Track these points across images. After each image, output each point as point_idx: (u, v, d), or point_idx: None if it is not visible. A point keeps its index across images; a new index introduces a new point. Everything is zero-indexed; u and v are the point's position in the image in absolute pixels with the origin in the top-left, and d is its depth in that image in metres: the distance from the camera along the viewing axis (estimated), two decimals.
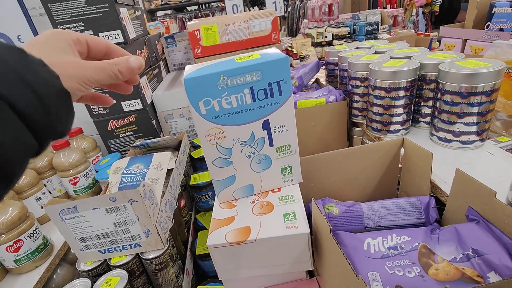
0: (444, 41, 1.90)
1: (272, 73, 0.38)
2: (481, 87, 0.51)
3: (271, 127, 0.42)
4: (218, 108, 0.39)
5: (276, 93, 0.40)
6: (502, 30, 1.52)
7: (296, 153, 0.46)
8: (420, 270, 0.34)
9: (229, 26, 0.89)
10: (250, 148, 0.43)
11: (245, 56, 0.40)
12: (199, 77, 0.37)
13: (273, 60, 0.38)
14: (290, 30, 4.64)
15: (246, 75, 0.38)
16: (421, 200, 0.47)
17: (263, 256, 0.41)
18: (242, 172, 0.45)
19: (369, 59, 0.70)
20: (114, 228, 0.49)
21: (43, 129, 0.20)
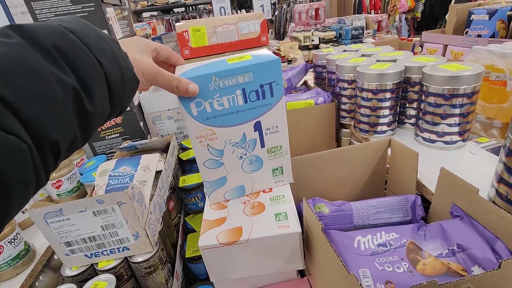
0: (426, 46, 1.97)
1: (264, 75, 0.38)
2: (462, 89, 0.53)
3: (263, 128, 0.42)
4: (210, 109, 0.39)
5: (267, 94, 0.40)
6: (480, 36, 1.60)
7: (287, 153, 0.46)
8: (409, 265, 0.35)
9: (218, 28, 0.89)
10: (241, 149, 0.43)
11: (236, 57, 0.40)
12: (191, 78, 0.36)
13: (265, 61, 0.38)
14: (277, 34, 4.69)
15: (238, 77, 0.38)
16: (408, 198, 0.48)
17: (255, 256, 0.40)
18: (233, 173, 0.45)
19: (356, 62, 0.72)
20: (101, 232, 0.48)
21: (117, 100, 0.27)
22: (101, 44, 0.25)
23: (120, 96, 0.27)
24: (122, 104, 0.28)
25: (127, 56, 0.28)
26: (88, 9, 0.75)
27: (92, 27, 0.26)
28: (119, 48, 0.28)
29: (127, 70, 0.28)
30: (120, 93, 0.27)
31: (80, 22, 0.26)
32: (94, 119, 0.25)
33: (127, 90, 0.28)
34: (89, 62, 0.23)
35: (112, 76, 0.25)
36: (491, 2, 1.71)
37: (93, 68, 0.24)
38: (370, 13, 4.32)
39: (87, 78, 0.23)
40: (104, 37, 0.26)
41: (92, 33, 0.25)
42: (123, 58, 0.27)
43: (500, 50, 1.01)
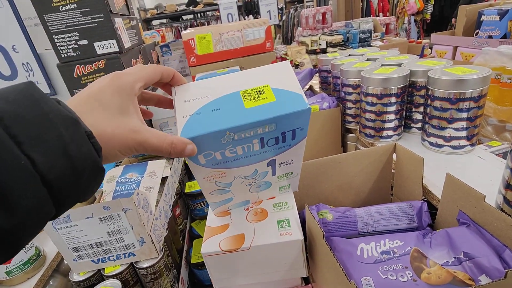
0: (436, 48, 1.94)
1: (288, 124, 0.31)
2: (469, 93, 0.52)
3: (277, 163, 0.38)
4: (221, 157, 0.33)
5: (289, 139, 0.34)
6: (491, 37, 1.56)
7: (298, 175, 0.44)
8: (413, 274, 0.34)
9: (223, 35, 0.90)
10: (251, 179, 0.40)
11: (255, 92, 0.31)
12: (199, 136, 0.29)
13: (293, 112, 0.29)
14: (284, 38, 4.71)
15: (257, 129, 0.30)
16: (414, 204, 0.47)
17: (258, 264, 0.41)
18: (239, 195, 0.43)
19: (361, 66, 0.71)
20: (107, 237, 0.49)
21: (66, 198, 0.20)
22: (42, 132, 0.18)
23: (70, 195, 0.20)
24: (77, 200, 0.21)
25: (91, 137, 0.21)
26: (98, 20, 0.77)
27: (40, 103, 0.19)
28: (77, 128, 0.20)
29: (84, 161, 0.20)
30: (70, 191, 0.20)
31: (23, 96, 0.19)
32: (17, 232, 0.18)
33: (82, 185, 0.21)
34: (14, 165, 0.17)
35: (55, 175, 0.18)
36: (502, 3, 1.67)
37: (20, 172, 0.17)
38: (378, 16, 4.29)
39: (5, 188, 0.16)
40: (53, 118, 0.19)
41: (33, 114, 0.19)
42: (80, 144, 0.20)
43: (510, 51, 0.99)
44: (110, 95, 0.25)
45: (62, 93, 0.99)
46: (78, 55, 0.80)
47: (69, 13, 0.75)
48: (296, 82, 0.31)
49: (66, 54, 0.79)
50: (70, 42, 0.78)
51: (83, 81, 0.83)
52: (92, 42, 0.79)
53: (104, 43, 0.80)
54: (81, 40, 0.78)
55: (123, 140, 0.24)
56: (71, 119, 0.20)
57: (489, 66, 1.04)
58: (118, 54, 0.82)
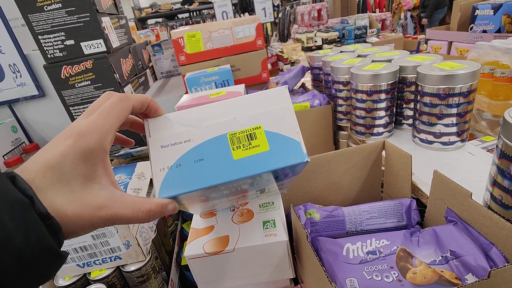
0: (431, 43, 1.93)
1: (282, 173, 0.29)
2: (458, 88, 0.51)
3: (266, 190, 0.38)
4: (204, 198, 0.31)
5: (281, 178, 0.32)
6: (486, 31, 1.55)
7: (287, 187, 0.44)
8: (398, 274, 0.34)
9: (213, 33, 0.89)
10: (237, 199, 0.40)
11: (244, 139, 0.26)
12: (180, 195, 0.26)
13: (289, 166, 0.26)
14: (281, 36, 4.69)
15: (247, 180, 0.27)
16: (403, 202, 0.47)
17: (243, 265, 0.40)
18: (225, 205, 0.43)
19: (351, 63, 0.71)
20: (92, 241, 0.48)
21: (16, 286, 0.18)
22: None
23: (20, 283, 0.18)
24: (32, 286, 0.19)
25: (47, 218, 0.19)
26: (84, 20, 0.76)
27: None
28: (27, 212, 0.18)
29: (35, 247, 0.18)
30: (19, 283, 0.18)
31: None
32: None
33: (35, 273, 0.19)
34: None
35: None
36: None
37: None
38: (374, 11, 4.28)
39: None
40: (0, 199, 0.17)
41: None
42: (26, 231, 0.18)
43: (504, 45, 0.98)
44: (74, 163, 0.21)
45: (51, 94, 0.98)
46: (65, 56, 0.79)
47: (54, 12, 0.73)
48: (295, 122, 0.27)
49: (52, 54, 0.78)
50: (56, 43, 0.77)
51: (71, 81, 0.81)
52: (78, 42, 0.78)
53: (91, 43, 0.79)
54: (67, 40, 0.77)
55: (87, 220, 0.21)
56: (21, 202, 0.18)
57: (482, 60, 1.03)
58: (106, 54, 0.81)
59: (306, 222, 0.45)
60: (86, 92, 0.83)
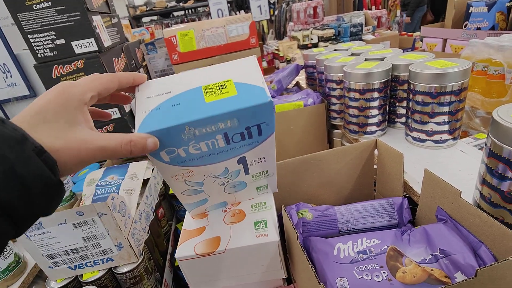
0: (426, 41, 1.93)
1: (251, 119, 0.31)
2: (449, 86, 0.51)
3: (248, 161, 0.37)
4: (185, 154, 0.32)
5: (255, 134, 0.33)
6: (480, 29, 1.56)
7: (274, 174, 0.43)
8: (388, 273, 0.34)
9: (206, 32, 0.88)
10: (223, 179, 0.39)
11: (216, 87, 0.31)
12: (159, 130, 0.28)
13: (254, 105, 0.29)
14: (277, 33, 4.68)
15: (218, 124, 0.30)
16: (394, 201, 0.47)
17: (235, 266, 0.40)
18: (214, 196, 0.42)
19: (345, 61, 0.70)
20: (83, 243, 0.47)
21: (23, 217, 0.20)
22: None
23: (27, 213, 0.20)
24: (36, 217, 0.22)
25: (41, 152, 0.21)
26: (74, 19, 0.75)
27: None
28: (24, 146, 0.20)
29: (36, 178, 0.20)
30: (25, 210, 0.20)
31: None
32: None
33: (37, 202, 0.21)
34: None
35: (4, 196, 0.19)
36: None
37: None
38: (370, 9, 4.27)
39: None
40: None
41: None
42: (28, 163, 0.20)
43: (497, 43, 0.99)
44: (56, 108, 0.24)
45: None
46: (56, 55, 0.78)
47: (44, 11, 0.72)
48: (260, 76, 0.31)
49: (42, 54, 0.77)
50: (47, 42, 0.76)
51: (62, 81, 0.80)
52: (69, 41, 0.77)
53: (82, 42, 0.78)
54: (58, 39, 0.76)
55: (75, 153, 0.23)
56: (15, 138, 0.20)
57: (476, 58, 1.03)
58: (97, 53, 0.80)
59: (298, 222, 0.45)
60: None
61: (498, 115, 0.33)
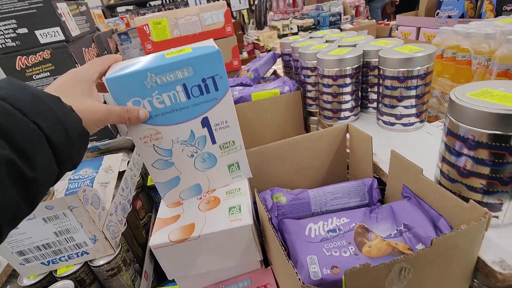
0: (401, 30, 1.98)
1: (204, 68, 0.37)
2: (416, 70, 0.53)
3: (211, 124, 0.41)
4: (150, 108, 0.37)
5: (212, 89, 0.38)
6: (450, 17, 1.61)
7: (242, 148, 0.45)
8: (355, 249, 0.35)
9: (179, 20, 0.86)
10: (191, 147, 0.42)
11: (176, 51, 0.38)
12: (123, 76, 0.34)
13: (204, 54, 0.36)
14: (258, 23, 4.62)
15: (176, 72, 0.36)
16: (365, 182, 0.49)
17: (210, 252, 0.40)
18: (186, 172, 0.43)
19: (319, 48, 0.71)
20: (55, 238, 0.46)
21: (65, 158, 0.25)
22: (38, 106, 0.24)
23: (68, 155, 0.26)
24: (72, 162, 0.27)
25: (72, 110, 0.27)
26: (37, 6, 0.71)
27: (27, 88, 0.25)
28: (61, 104, 0.26)
29: (73, 126, 0.26)
30: (68, 152, 0.26)
31: (12, 85, 0.24)
32: (38, 185, 0.23)
33: (75, 147, 0.26)
34: (25, 127, 0.22)
35: (55, 137, 0.24)
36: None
37: (31, 133, 0.23)
38: None
39: (24, 146, 0.22)
40: (42, 96, 0.25)
41: (26, 95, 0.24)
42: (66, 114, 0.26)
43: (464, 30, 1.03)
44: (72, 85, 0.32)
45: None
46: (19, 45, 0.73)
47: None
48: (213, 43, 0.39)
49: (4, 44, 0.72)
50: (8, 31, 0.71)
51: (28, 73, 0.76)
52: (33, 30, 0.73)
53: (47, 31, 0.74)
54: (19, 28, 0.72)
55: (93, 113, 0.31)
56: (55, 97, 0.26)
57: (445, 45, 1.07)
58: (64, 43, 0.76)
59: (272, 206, 0.46)
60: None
61: (454, 95, 0.34)
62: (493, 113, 0.29)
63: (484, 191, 0.33)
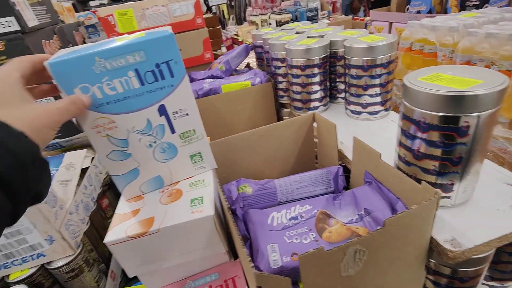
0: (374, 24, 2.02)
1: (157, 53, 0.35)
2: (379, 59, 0.54)
3: (169, 112, 0.39)
4: (101, 95, 0.35)
5: (167, 75, 0.37)
6: (419, 12, 1.67)
7: (204, 138, 0.44)
8: (316, 235, 0.35)
9: (146, 10, 0.83)
10: (148, 137, 0.40)
11: (127, 37, 0.36)
12: (68, 60, 0.32)
13: (156, 38, 0.35)
14: (238, 19, 4.58)
15: (126, 56, 0.34)
16: (331, 170, 0.49)
17: (172, 245, 0.39)
18: (145, 164, 0.42)
19: (288, 39, 0.71)
20: (5, 240, 0.43)
21: (19, 191, 0.22)
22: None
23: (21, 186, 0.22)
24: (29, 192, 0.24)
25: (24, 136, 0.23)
26: None
27: None
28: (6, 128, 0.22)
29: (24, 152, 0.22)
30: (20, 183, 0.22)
31: None
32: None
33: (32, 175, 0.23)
34: None
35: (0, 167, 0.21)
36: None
37: None
38: None
39: None
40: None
41: None
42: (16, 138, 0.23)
43: (431, 23, 1.06)
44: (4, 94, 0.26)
45: None
46: None
47: None
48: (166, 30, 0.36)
49: None
50: None
51: None
52: None
53: (0, 21, 0.69)
54: None
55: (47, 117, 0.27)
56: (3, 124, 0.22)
57: (413, 38, 1.11)
58: (20, 34, 0.71)
59: (238, 197, 0.45)
60: None
61: (408, 80, 0.35)
62: (441, 95, 0.30)
63: (437, 172, 0.34)
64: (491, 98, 0.29)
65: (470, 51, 0.89)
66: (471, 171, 0.34)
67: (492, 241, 0.32)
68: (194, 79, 0.83)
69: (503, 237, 0.32)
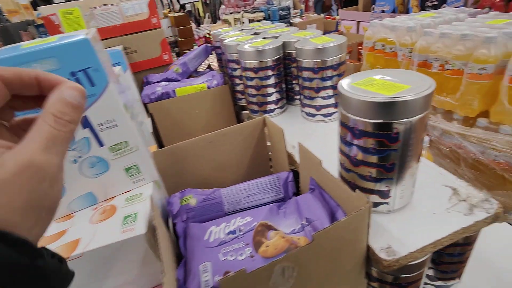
0: (343, 24, 2.06)
1: (72, 60, 0.32)
2: (329, 61, 0.53)
3: (93, 124, 0.36)
4: None
5: (86, 84, 0.34)
6: (384, 12, 1.71)
7: (140, 149, 0.41)
8: (252, 250, 0.34)
9: (95, 10, 0.78)
10: (72, 151, 0.36)
11: (38, 41, 0.33)
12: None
13: (68, 43, 0.31)
14: (213, 17, 4.52)
15: (33, 65, 0.30)
16: (281, 176, 0.47)
17: (100, 269, 0.36)
18: (72, 181, 0.38)
19: (243, 40, 0.69)
20: None
21: None
22: None
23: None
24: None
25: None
26: None
27: None
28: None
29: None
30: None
31: None
32: None
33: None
34: None
35: None
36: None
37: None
38: None
39: None
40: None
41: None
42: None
43: (391, 23, 1.08)
44: None
45: None
46: None
47: None
48: (88, 32, 0.34)
49: None
50: None
51: None
52: None
53: None
54: None
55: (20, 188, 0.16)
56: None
57: (376, 37, 1.12)
58: None
59: (180, 209, 0.42)
60: None
61: (342, 87, 0.34)
62: (369, 102, 0.29)
63: (373, 178, 0.33)
64: (418, 104, 0.29)
65: (426, 51, 0.91)
66: (405, 176, 0.33)
67: (426, 247, 0.31)
68: (149, 82, 0.79)
69: (437, 242, 0.32)
